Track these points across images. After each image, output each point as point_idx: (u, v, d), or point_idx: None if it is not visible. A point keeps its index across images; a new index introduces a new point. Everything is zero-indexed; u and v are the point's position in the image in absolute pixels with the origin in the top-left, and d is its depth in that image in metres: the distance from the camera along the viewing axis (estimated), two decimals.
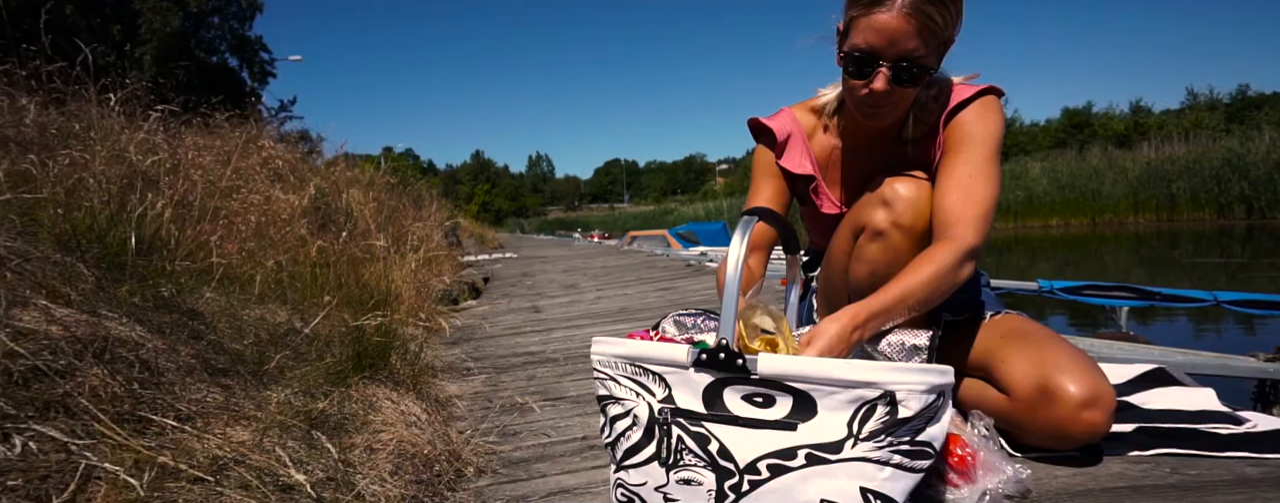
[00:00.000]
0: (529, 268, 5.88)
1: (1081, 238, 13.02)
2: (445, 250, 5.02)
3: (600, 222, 40.44)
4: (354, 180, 4.30)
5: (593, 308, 3.00)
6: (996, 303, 1.18)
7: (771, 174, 1.20)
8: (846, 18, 0.99)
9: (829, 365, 0.77)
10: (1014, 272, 8.42)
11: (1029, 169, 16.59)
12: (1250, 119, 17.72)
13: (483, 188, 64.42)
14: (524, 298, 3.59)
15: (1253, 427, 0.92)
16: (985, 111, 1.03)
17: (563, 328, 2.49)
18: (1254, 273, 6.93)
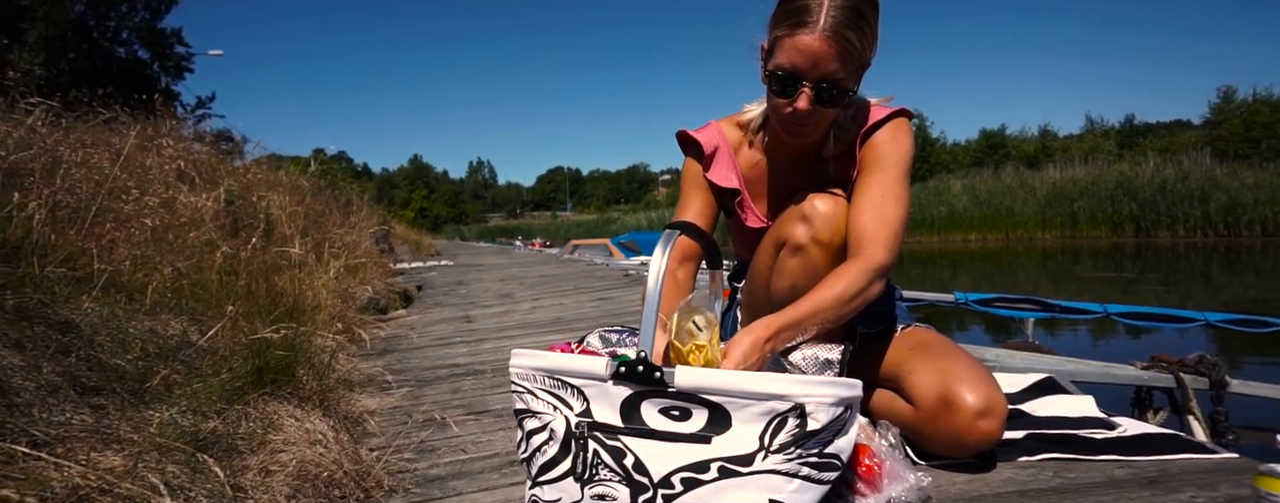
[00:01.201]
0: (464, 276, 5.73)
1: (996, 252, 13.91)
2: (375, 257, 4.82)
3: (542, 229, 39.97)
4: (276, 183, 4.08)
5: (527, 318, 2.95)
6: (908, 316, 1.23)
7: (699, 186, 1.22)
8: (771, 37, 1.02)
9: (743, 378, 0.79)
10: (937, 284, 8.88)
11: (951, 186, 17.62)
12: (1137, 145, 19.54)
13: (420, 193, 62.51)
14: (456, 307, 3.49)
15: (1123, 431, 1.00)
16: (897, 134, 1.08)
17: (494, 339, 2.43)
18: (1141, 287, 7.59)
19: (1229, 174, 13.87)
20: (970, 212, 16.27)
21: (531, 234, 33.63)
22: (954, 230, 16.33)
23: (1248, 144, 16.21)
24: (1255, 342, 3.84)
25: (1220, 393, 1.66)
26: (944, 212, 16.43)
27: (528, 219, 62.63)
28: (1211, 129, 18.39)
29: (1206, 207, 13.11)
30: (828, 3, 0.94)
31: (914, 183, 16.31)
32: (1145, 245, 12.87)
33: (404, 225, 16.20)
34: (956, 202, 16.56)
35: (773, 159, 1.19)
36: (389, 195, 56.47)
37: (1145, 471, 0.90)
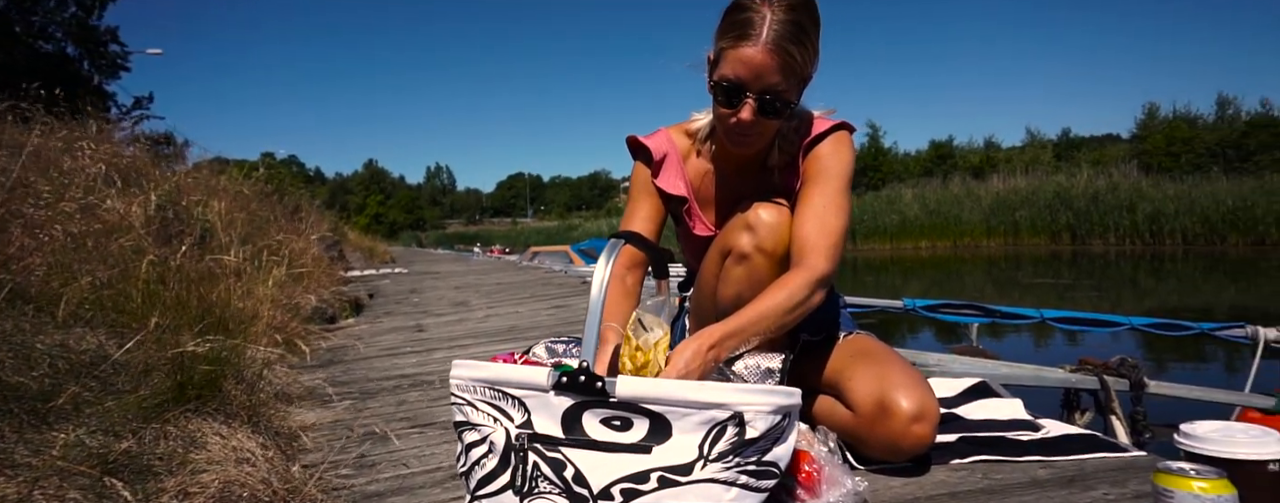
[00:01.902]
0: (419, 284, 5.60)
1: (945, 259, 14.44)
2: (324, 265, 4.67)
3: (502, 236, 39.48)
4: (219, 188, 3.91)
5: (481, 327, 2.90)
6: (850, 323, 1.26)
7: (648, 193, 1.22)
8: (716, 48, 1.04)
9: (683, 387, 0.79)
10: (890, 290, 9.17)
11: (903, 195, 18.23)
12: (1072, 157, 20.68)
13: (375, 199, 60.89)
14: (408, 316, 3.41)
15: (1046, 433, 1.05)
16: (839, 146, 1.11)
17: (445, 348, 2.38)
18: (1077, 293, 7.99)
19: (1153, 186, 14.80)
20: (921, 220, 16.86)
21: (491, 241, 33.17)
22: (906, 238, 16.88)
23: (1169, 158, 17.36)
24: (1176, 344, 4.09)
25: (1139, 394, 1.76)
26: (896, 220, 16.97)
27: (487, 226, 61.75)
28: (1138, 143, 19.63)
29: (1134, 216, 13.93)
30: (770, 17, 0.97)
31: (867, 192, 16.79)
32: (1080, 253, 13.56)
33: (357, 232, 15.74)
34: (908, 210, 17.14)
35: (720, 168, 1.21)
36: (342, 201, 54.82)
37: (1064, 470, 0.94)
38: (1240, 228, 12.49)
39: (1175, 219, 13.31)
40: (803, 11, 0.99)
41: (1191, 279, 9.05)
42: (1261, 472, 0.64)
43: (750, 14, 0.97)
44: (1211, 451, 0.66)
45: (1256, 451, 0.64)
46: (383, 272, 7.36)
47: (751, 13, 0.97)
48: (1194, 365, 4.14)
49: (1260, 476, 0.64)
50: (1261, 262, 10.11)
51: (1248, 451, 0.64)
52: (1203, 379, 3.45)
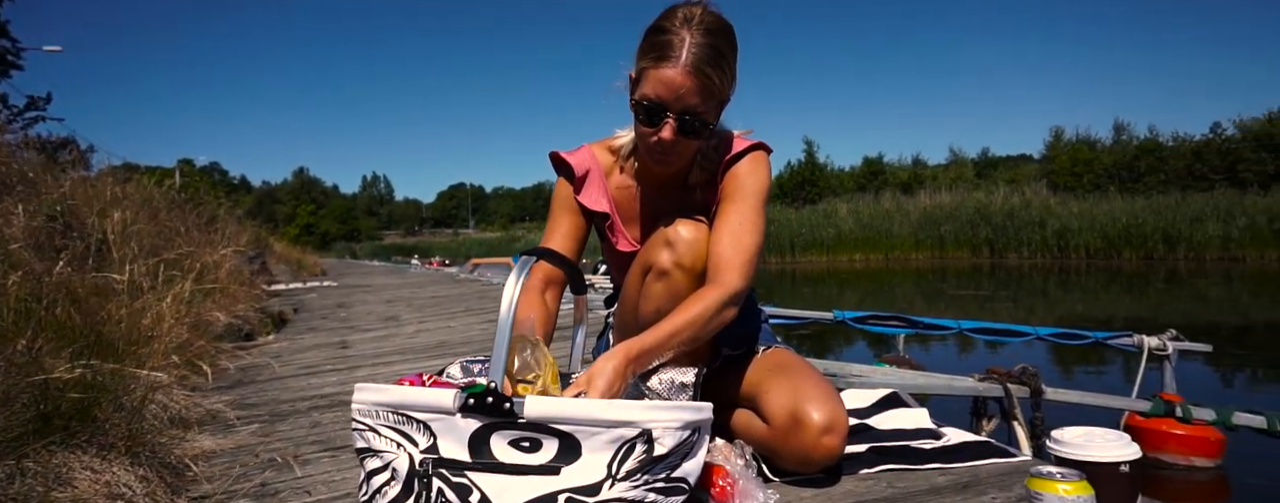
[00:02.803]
0: (348, 297, 5.37)
1: (878, 271, 15.06)
2: (244, 278, 4.41)
3: (443, 248, 38.44)
4: (125, 196, 3.63)
5: (410, 342, 2.80)
6: (770, 337, 1.29)
7: (570, 209, 1.22)
8: (638, 67, 1.05)
9: (593, 406, 0.79)
10: (826, 301, 9.47)
11: (838, 209, 18.95)
12: (991, 176, 22.10)
13: (306, 208, 58.12)
14: (333, 332, 3.26)
15: (947, 441, 1.10)
16: (756, 166, 1.15)
17: (370, 365, 2.29)
18: (996, 303, 8.48)
19: (1060, 203, 15.98)
20: (855, 233, 17.55)
21: (430, 252, 32.21)
22: (841, 251, 17.52)
23: (1073, 177, 18.79)
24: (1081, 351, 4.39)
25: (1038, 400, 1.89)
26: (832, 233, 17.60)
27: (427, 237, 60.02)
28: (1047, 163, 21.15)
29: (1044, 232, 14.99)
30: (690, 40, 0.99)
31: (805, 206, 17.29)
32: (998, 265, 14.45)
33: (285, 243, 14.96)
34: (843, 224, 17.81)
35: (642, 184, 1.22)
36: (270, 211, 52.03)
37: (960, 476, 0.99)
38: (1133, 243, 13.67)
39: (1079, 235, 14.41)
40: (721, 36, 1.02)
41: (1093, 291, 9.79)
42: (1114, 473, 0.69)
43: (670, 36, 1.00)
44: (1073, 455, 0.72)
45: (1109, 454, 0.70)
46: (310, 285, 7.01)
47: (671, 35, 1.00)
48: (1097, 371, 4.45)
49: (1113, 476, 0.69)
50: (1150, 274, 11.08)
51: (1102, 454, 0.70)
52: (1104, 385, 3.71)
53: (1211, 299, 8.07)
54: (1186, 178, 16.63)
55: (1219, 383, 4.06)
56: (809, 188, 23.42)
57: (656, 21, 1.03)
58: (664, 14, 1.03)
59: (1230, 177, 15.89)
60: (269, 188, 67.09)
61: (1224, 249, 12.65)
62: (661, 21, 1.02)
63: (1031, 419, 1.88)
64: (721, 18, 1.03)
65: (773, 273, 15.49)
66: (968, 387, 1.87)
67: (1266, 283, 9.36)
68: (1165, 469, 2.54)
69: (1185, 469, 2.50)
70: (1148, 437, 2.58)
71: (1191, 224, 13.05)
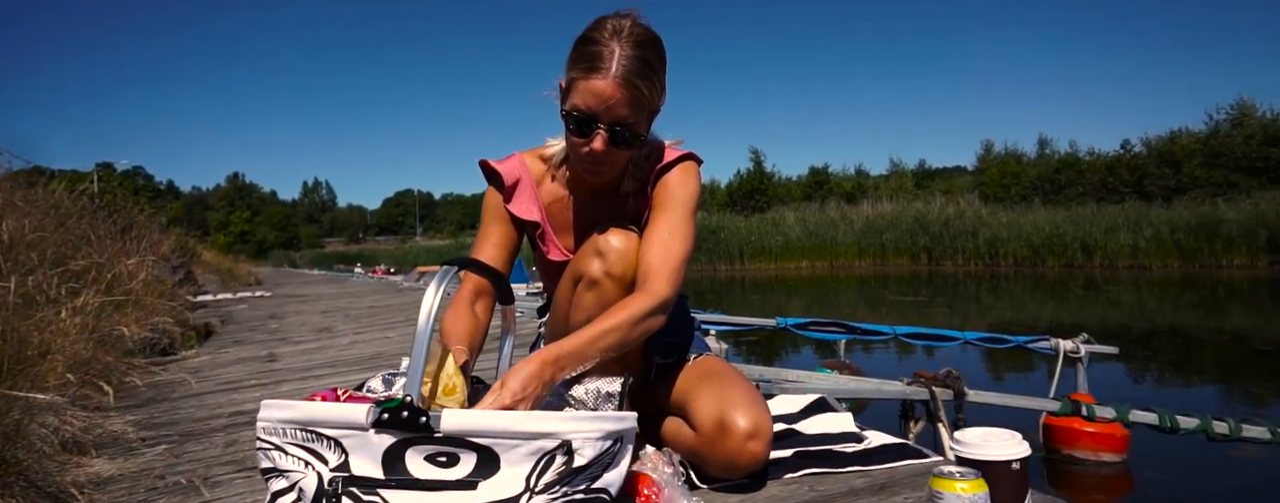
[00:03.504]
0: (281, 308, 5.12)
1: (823, 278, 15.50)
2: (166, 289, 4.15)
3: (388, 255, 37.26)
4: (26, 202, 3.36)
5: (343, 354, 2.70)
6: (702, 345, 1.31)
7: (500, 218, 1.21)
8: (568, 77, 1.05)
9: (510, 419, 0.78)
10: (775, 307, 9.67)
11: (785, 218, 19.43)
12: (928, 186, 23.17)
13: (241, 215, 55.31)
14: (261, 344, 3.10)
15: (868, 444, 1.14)
16: (686, 176, 1.16)
17: (297, 379, 2.19)
18: (933, 309, 8.87)
19: (991, 214, 16.89)
20: (801, 241, 18.03)
21: (375, 260, 31.18)
22: (788, 258, 17.96)
23: (1002, 189, 19.92)
24: (1008, 354, 4.62)
25: (960, 402, 1.98)
26: (780, 241, 18.03)
27: (372, 245, 58.13)
28: (979, 175, 22.33)
29: (976, 240, 15.80)
30: (619, 51, 1.00)
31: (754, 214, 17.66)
32: (935, 272, 15.13)
33: (215, 251, 14.17)
34: (790, 232, 18.27)
35: (574, 193, 1.22)
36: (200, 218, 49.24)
37: (878, 478, 1.03)
38: (1055, 252, 14.58)
39: (1008, 244, 15.26)
40: (650, 48, 1.03)
41: (1021, 296, 10.37)
42: (1006, 471, 0.74)
43: (599, 48, 1.00)
44: (971, 454, 0.76)
45: (1003, 453, 0.74)
46: (240, 295, 6.66)
47: (600, 46, 1.00)
48: (1025, 373, 4.69)
49: (1005, 474, 0.74)
50: (1070, 281, 11.83)
51: (997, 453, 0.74)
52: (1030, 386, 3.92)
53: (1123, 304, 8.68)
54: (1101, 191, 17.88)
55: (1130, 383, 4.36)
56: (757, 197, 23.93)
57: (586, 32, 1.03)
58: (593, 25, 1.04)
59: (1138, 190, 17.18)
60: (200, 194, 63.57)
61: (1133, 257, 13.63)
62: (591, 33, 1.02)
63: (954, 421, 1.97)
64: (650, 30, 1.04)
65: (722, 280, 15.73)
66: (896, 390, 1.94)
67: (1169, 289, 10.14)
68: (1078, 465, 2.71)
69: (1095, 465, 2.67)
70: (1061, 435, 2.75)
71: (1106, 234, 14.02)
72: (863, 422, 1.29)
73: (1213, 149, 16.84)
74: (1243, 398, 3.94)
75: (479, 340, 1.12)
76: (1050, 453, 2.79)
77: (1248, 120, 17.09)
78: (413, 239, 58.98)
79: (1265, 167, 15.80)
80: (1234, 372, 4.66)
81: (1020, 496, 0.74)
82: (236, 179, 61.79)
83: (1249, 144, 16.28)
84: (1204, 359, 5.13)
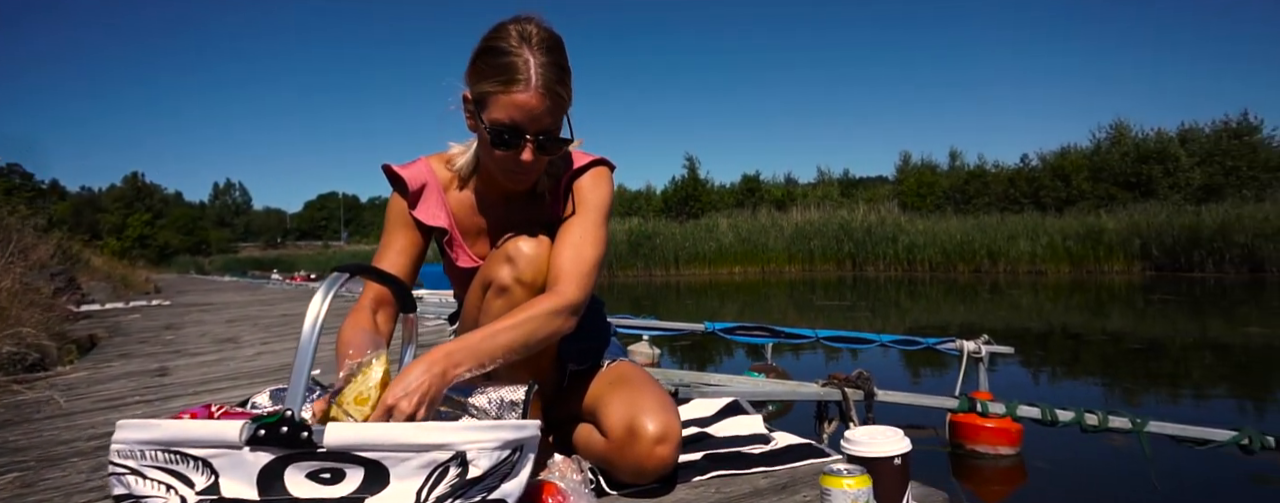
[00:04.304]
0: (180, 318, 4.74)
1: (755, 283, 15.90)
2: (42, 298, 3.76)
3: (310, 261, 35.27)
4: None
5: (247, 366, 2.52)
6: (618, 351, 1.31)
7: (404, 224, 1.17)
8: (477, 90, 1.02)
9: (400, 430, 0.75)
10: (709, 312, 9.82)
11: (719, 223, 19.85)
12: (853, 195, 24.29)
13: (140, 218, 50.86)
14: (151, 357, 2.85)
15: (775, 445, 1.18)
16: (598, 180, 1.16)
17: (190, 395, 2.02)
18: (856, 313, 9.26)
19: (909, 221, 17.88)
20: (734, 247, 18.45)
21: (294, 266, 29.42)
22: (722, 264, 18.34)
23: (918, 198, 21.16)
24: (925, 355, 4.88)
25: (870, 402, 2.08)
26: (713, 247, 18.39)
27: (292, 250, 54.92)
28: (898, 184, 23.62)
29: (896, 246, 16.69)
30: (534, 61, 0.97)
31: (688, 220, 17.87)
32: (859, 277, 15.84)
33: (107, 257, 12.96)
34: (723, 238, 18.67)
35: (484, 198, 1.19)
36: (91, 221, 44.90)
37: (780, 478, 1.06)
38: (965, 258, 15.61)
39: (924, 250, 16.20)
40: (560, 52, 1.02)
41: (935, 300, 11.02)
42: (889, 466, 0.77)
43: (512, 58, 0.97)
44: (857, 451, 0.79)
45: (886, 449, 0.78)
46: (135, 305, 6.11)
47: (513, 57, 0.97)
48: (939, 373, 4.96)
49: (888, 469, 0.77)
50: (978, 285, 12.70)
51: (879, 449, 0.78)
52: (943, 384, 4.15)
53: (1022, 307, 9.39)
54: (1004, 201, 19.33)
55: (1028, 380, 4.71)
56: (691, 203, 24.31)
57: (490, 41, 1.00)
58: (496, 32, 1.01)
59: (1035, 201, 18.69)
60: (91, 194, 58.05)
61: (1032, 264, 14.80)
62: (496, 41, 1.00)
63: (864, 420, 2.07)
64: (554, 31, 1.03)
65: (658, 285, 15.86)
66: (811, 392, 2.02)
67: (1061, 293, 11.05)
68: (979, 458, 2.89)
69: (994, 458, 2.87)
70: (965, 431, 2.93)
71: (1008, 241, 15.15)
72: (788, 423, 1.33)
73: (1096, 164, 18.57)
74: (1121, 392, 4.33)
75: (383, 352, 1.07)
76: (956, 448, 2.96)
77: (1124, 139, 18.91)
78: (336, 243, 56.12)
79: (1139, 181, 17.59)
80: (1113, 368, 5.12)
81: (901, 488, 0.78)
82: (135, 179, 56.70)
83: (1125, 161, 18.07)
84: (1090, 357, 5.61)
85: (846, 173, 27.34)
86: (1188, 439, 2.00)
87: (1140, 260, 13.82)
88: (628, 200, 26.65)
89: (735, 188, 25.58)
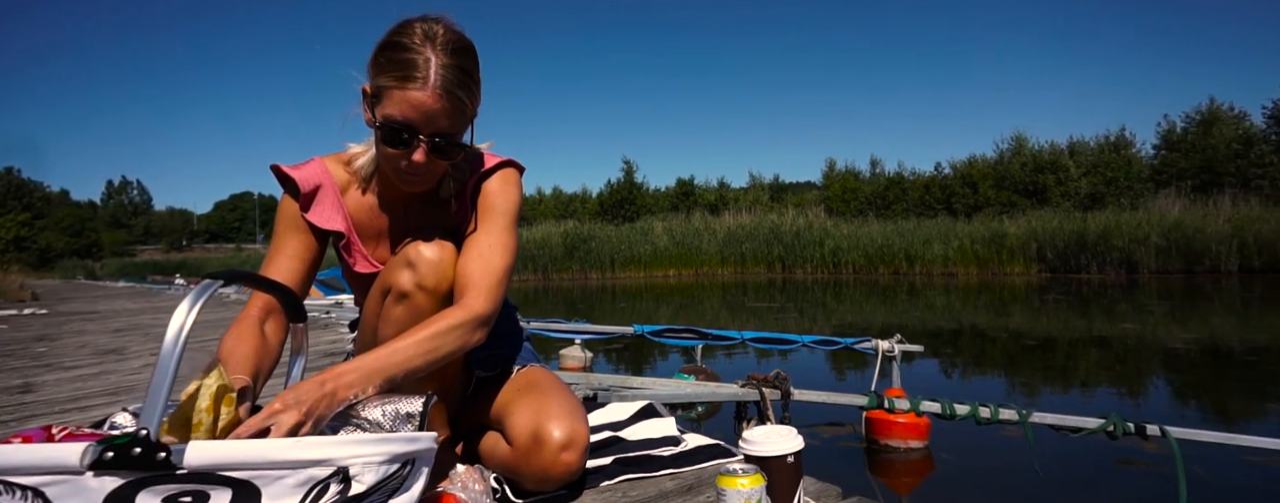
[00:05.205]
0: (58, 328, 4.29)
1: (689, 286, 16.13)
2: None
3: (221, 264, 32.87)
4: None
5: (129, 380, 2.30)
6: (530, 356, 1.28)
7: (296, 228, 1.10)
8: (375, 84, 0.97)
9: (271, 447, 0.69)
10: (644, 314, 9.86)
11: (654, 227, 20.04)
12: (782, 199, 25.13)
13: (16, 218, 45.70)
14: (15, 372, 2.56)
15: (685, 446, 1.19)
16: (505, 184, 1.12)
17: (55, 413, 1.83)
18: (785, 315, 9.55)
19: (834, 226, 18.69)
20: (669, 250, 18.68)
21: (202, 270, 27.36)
22: (657, 267, 18.51)
23: (843, 203, 22.16)
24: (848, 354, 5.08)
25: (787, 401, 2.14)
26: (649, 250, 18.54)
27: (200, 253, 51.02)
28: (824, 190, 24.62)
29: (823, 250, 17.39)
30: (435, 60, 0.94)
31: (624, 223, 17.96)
32: (788, 280, 16.38)
33: None
34: (658, 241, 18.86)
35: (385, 201, 1.14)
36: None
37: (687, 479, 1.06)
38: (886, 261, 16.48)
39: (848, 253, 16.98)
40: (466, 56, 0.98)
41: (859, 301, 11.54)
42: (782, 464, 0.79)
43: (413, 55, 0.93)
44: (752, 451, 0.81)
45: (779, 448, 0.80)
46: (3, 314, 5.48)
47: (414, 54, 0.93)
48: (861, 371, 5.17)
49: (781, 467, 0.79)
50: (897, 287, 13.43)
51: (772, 449, 0.80)
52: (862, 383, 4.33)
53: (936, 307, 9.98)
54: (920, 207, 20.56)
55: (941, 377, 5.00)
56: (627, 206, 24.42)
57: (393, 36, 0.96)
58: (400, 28, 0.97)
59: (948, 207, 19.99)
60: None
61: (944, 266, 15.80)
62: (400, 37, 0.95)
63: (781, 419, 2.13)
64: (464, 35, 1.00)
65: (594, 288, 15.81)
66: (730, 393, 2.06)
67: (970, 294, 11.85)
68: (891, 452, 3.04)
69: (905, 451, 3.02)
70: (879, 427, 3.08)
71: (924, 245, 16.10)
72: (712, 425, 1.34)
73: (999, 173, 20.07)
74: (1020, 385, 4.68)
75: (268, 365, 1.00)
76: (871, 443, 3.11)
77: (1023, 150, 20.56)
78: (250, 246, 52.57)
79: (1036, 189, 19.16)
80: (1014, 363, 5.53)
81: (794, 485, 0.80)
82: (10, 175, 50.94)
83: (1024, 170, 19.62)
84: (995, 353, 6.03)
85: (777, 178, 28.19)
86: (1064, 428, 2.18)
87: (1037, 263, 15.02)
88: (563, 203, 26.45)
89: (670, 192, 25.87)
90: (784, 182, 28.56)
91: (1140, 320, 7.67)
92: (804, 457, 0.82)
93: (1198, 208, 14.87)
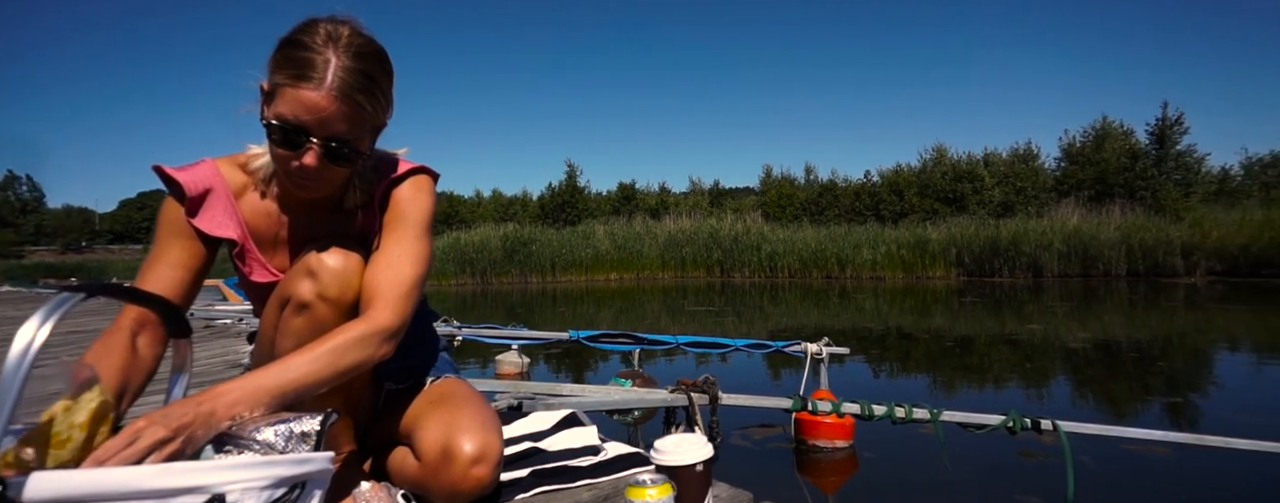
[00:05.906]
0: None
1: (630, 289, 16.16)
2: None
3: (128, 268, 30.32)
4: None
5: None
6: (447, 366, 1.24)
7: (179, 234, 1.02)
8: (272, 81, 0.91)
9: (134, 475, 0.64)
10: (584, 319, 9.79)
11: (596, 230, 19.99)
12: (722, 204, 25.64)
13: None
14: None
15: (605, 456, 1.18)
16: (418, 191, 1.07)
17: None
18: (724, 318, 9.70)
19: (771, 231, 19.21)
20: (611, 254, 18.68)
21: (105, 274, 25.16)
22: (598, 270, 18.47)
23: (779, 209, 22.84)
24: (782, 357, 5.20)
25: (715, 406, 2.18)
26: (590, 253, 18.47)
27: (103, 255, 47.01)
28: (762, 196, 25.28)
29: (760, 254, 17.84)
30: (335, 62, 0.89)
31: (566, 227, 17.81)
32: (727, 284, 16.69)
33: None
34: (600, 245, 18.82)
35: (286, 207, 1.08)
36: None
37: (604, 489, 1.06)
38: (819, 265, 17.11)
39: (784, 257, 17.50)
40: (372, 61, 0.93)
41: (793, 305, 11.88)
42: (691, 473, 0.80)
43: (311, 54, 0.88)
44: (661, 460, 0.81)
45: (688, 457, 0.80)
46: None
47: (313, 53, 0.88)
48: (797, 373, 5.29)
49: (690, 475, 0.80)
50: (829, 290, 13.95)
51: (681, 458, 0.80)
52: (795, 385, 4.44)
53: (866, 310, 10.42)
54: (851, 213, 21.45)
55: (869, 377, 5.20)
56: (569, 209, 24.26)
57: (294, 34, 0.91)
58: (302, 27, 0.92)
59: (876, 213, 20.97)
60: None
61: (873, 270, 16.54)
62: (301, 35, 0.90)
63: (710, 424, 2.16)
64: (373, 41, 0.95)
65: (534, 292, 15.58)
66: (658, 399, 2.07)
67: (896, 297, 12.44)
68: (818, 452, 3.14)
69: (831, 451, 3.13)
70: (807, 428, 3.17)
71: (854, 250, 16.81)
72: (648, 429, 1.33)
73: (923, 181, 21.23)
74: (940, 384, 4.94)
75: (139, 381, 0.92)
76: (800, 444, 3.20)
77: (944, 159, 21.86)
78: None
79: (955, 197, 20.38)
80: (934, 363, 5.83)
81: (702, 493, 0.81)
82: None
83: (944, 179, 20.85)
84: (918, 354, 6.35)
85: (717, 183, 28.72)
86: (970, 425, 2.32)
87: (956, 267, 15.97)
88: (503, 205, 25.99)
89: (612, 195, 25.88)
90: (724, 187, 29.13)
91: (1045, 321, 8.28)
92: (717, 463, 0.83)
93: (1093, 217, 16.21)
